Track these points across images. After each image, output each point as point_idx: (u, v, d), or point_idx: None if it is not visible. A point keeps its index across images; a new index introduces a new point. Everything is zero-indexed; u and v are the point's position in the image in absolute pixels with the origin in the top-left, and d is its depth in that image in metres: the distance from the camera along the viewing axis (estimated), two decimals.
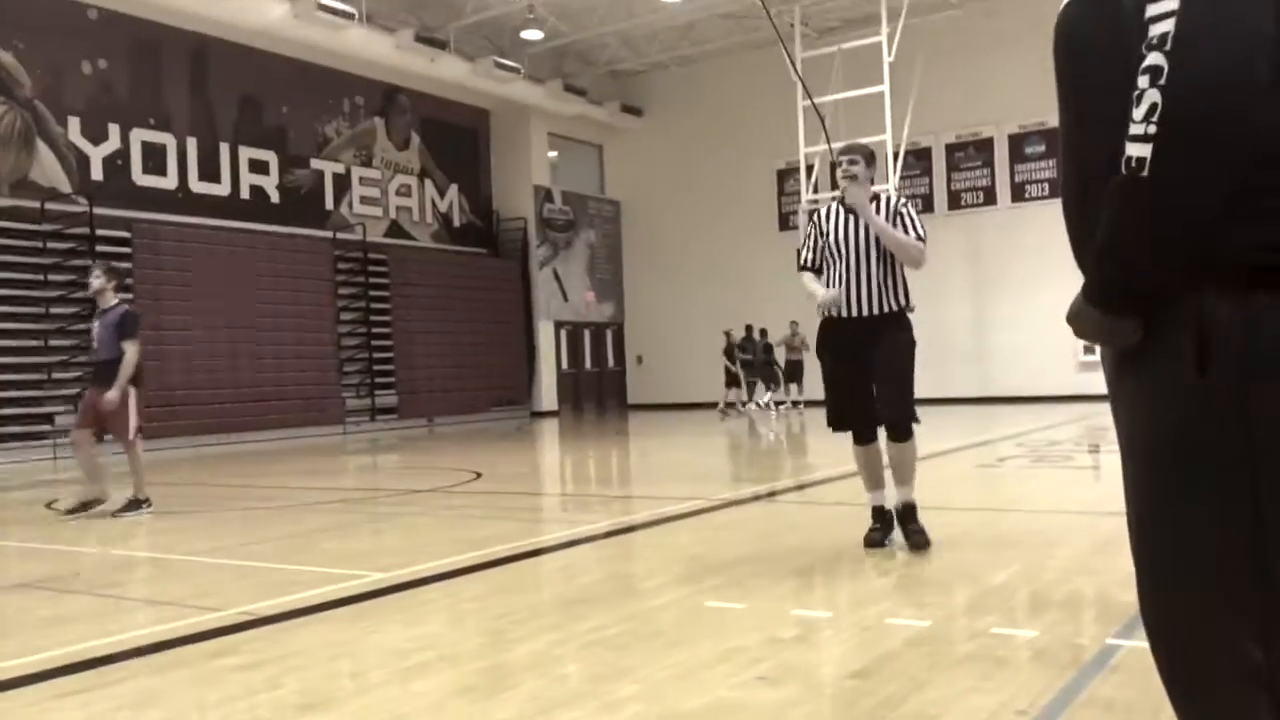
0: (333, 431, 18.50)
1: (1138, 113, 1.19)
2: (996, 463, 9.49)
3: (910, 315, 5.14)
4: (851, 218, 5.06)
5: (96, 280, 7.80)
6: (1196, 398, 1.26)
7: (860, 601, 4.09)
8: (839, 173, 5.08)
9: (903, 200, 5.16)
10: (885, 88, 18.08)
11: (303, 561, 5.49)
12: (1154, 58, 1.18)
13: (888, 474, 5.19)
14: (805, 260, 5.24)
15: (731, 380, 20.68)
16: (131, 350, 7.49)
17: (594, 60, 23.26)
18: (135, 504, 7.69)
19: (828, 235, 5.11)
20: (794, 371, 20.27)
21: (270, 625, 3.97)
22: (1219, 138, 1.17)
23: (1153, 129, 1.18)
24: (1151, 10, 1.19)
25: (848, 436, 5.16)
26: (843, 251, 5.03)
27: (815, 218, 5.27)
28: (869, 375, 4.98)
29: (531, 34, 20.67)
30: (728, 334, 20.77)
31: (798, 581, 4.51)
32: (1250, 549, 1.25)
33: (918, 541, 4.96)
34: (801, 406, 20.03)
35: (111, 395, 7.36)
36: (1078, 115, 1.37)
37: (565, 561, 5.51)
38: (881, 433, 5.11)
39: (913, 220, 5.05)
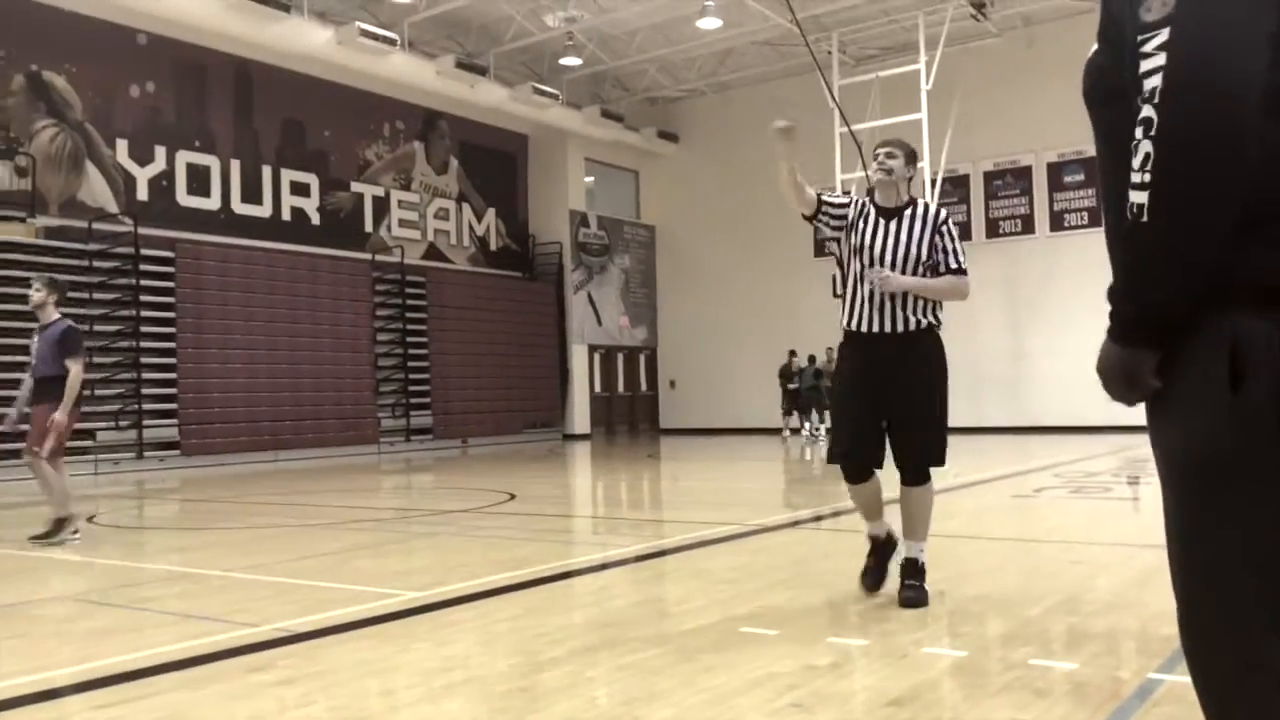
0: (368, 451, 18.63)
1: (1136, 162, 1.28)
2: (1033, 493, 9.37)
3: (940, 331, 4.58)
4: (883, 221, 4.45)
5: (37, 294, 7.22)
6: (1232, 414, 1.29)
7: (895, 630, 4.05)
8: (872, 167, 4.47)
9: (944, 216, 4.52)
10: (923, 115, 18.06)
11: (337, 579, 5.52)
12: (1147, 110, 1.26)
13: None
14: (819, 200, 4.52)
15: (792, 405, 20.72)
16: (76, 369, 6.99)
17: (631, 87, 23.42)
18: (59, 524, 7.10)
19: (856, 238, 4.48)
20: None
21: (305, 642, 3.99)
22: (1208, 181, 1.24)
23: (1148, 177, 1.26)
24: (1144, 65, 1.26)
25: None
26: (871, 260, 4.42)
27: (849, 202, 4.57)
28: (889, 407, 4.42)
29: (570, 60, 20.87)
30: (792, 354, 20.80)
31: (832, 609, 4.47)
32: None
33: (911, 597, 4.32)
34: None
35: (58, 418, 6.93)
36: (1106, 164, 1.45)
37: (598, 584, 5.50)
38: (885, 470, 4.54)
39: (953, 242, 4.46)
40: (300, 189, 18.75)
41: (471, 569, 5.72)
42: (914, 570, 4.45)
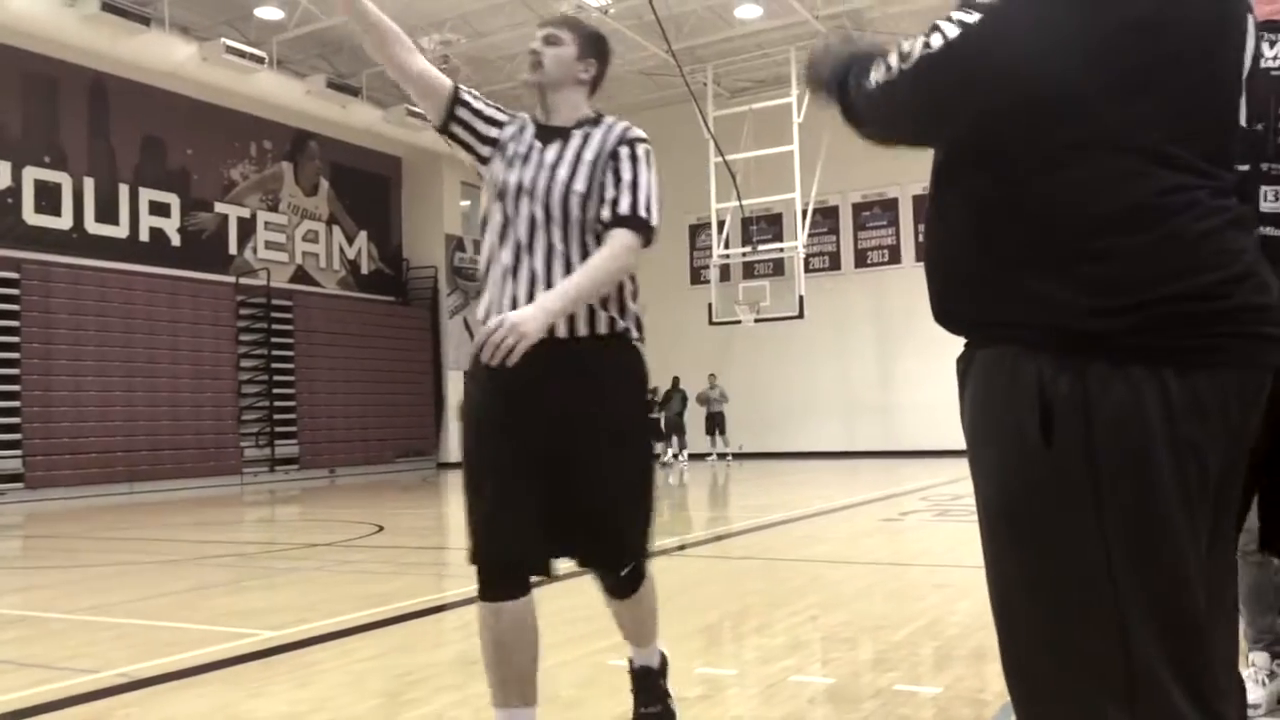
0: (230, 482, 17.90)
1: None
2: (899, 516, 9.59)
3: (638, 342, 2.82)
4: (540, 145, 2.77)
5: None
6: (1044, 464, 1.28)
7: (766, 658, 4.04)
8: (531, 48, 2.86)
9: (636, 136, 2.79)
10: (795, 147, 18.49)
11: (190, 619, 5.22)
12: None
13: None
14: (454, 97, 2.90)
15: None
16: None
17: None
18: None
19: (503, 180, 2.71)
20: (716, 423, 20.44)
21: (148, 688, 3.74)
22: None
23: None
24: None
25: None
26: (521, 213, 2.63)
27: (508, 119, 2.93)
28: (551, 465, 2.56)
29: None
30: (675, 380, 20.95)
31: (703, 638, 4.44)
32: (1110, 615, 1.26)
33: (656, 715, 2.95)
34: (729, 459, 20.21)
35: None
36: None
37: (465, 619, 5.34)
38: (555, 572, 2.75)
39: (634, 173, 2.67)
40: (160, 209, 17.99)
41: (334, 605, 5.49)
42: (651, 685, 2.98)
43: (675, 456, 20.65)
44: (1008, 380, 1.30)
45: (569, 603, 5.51)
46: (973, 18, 1.26)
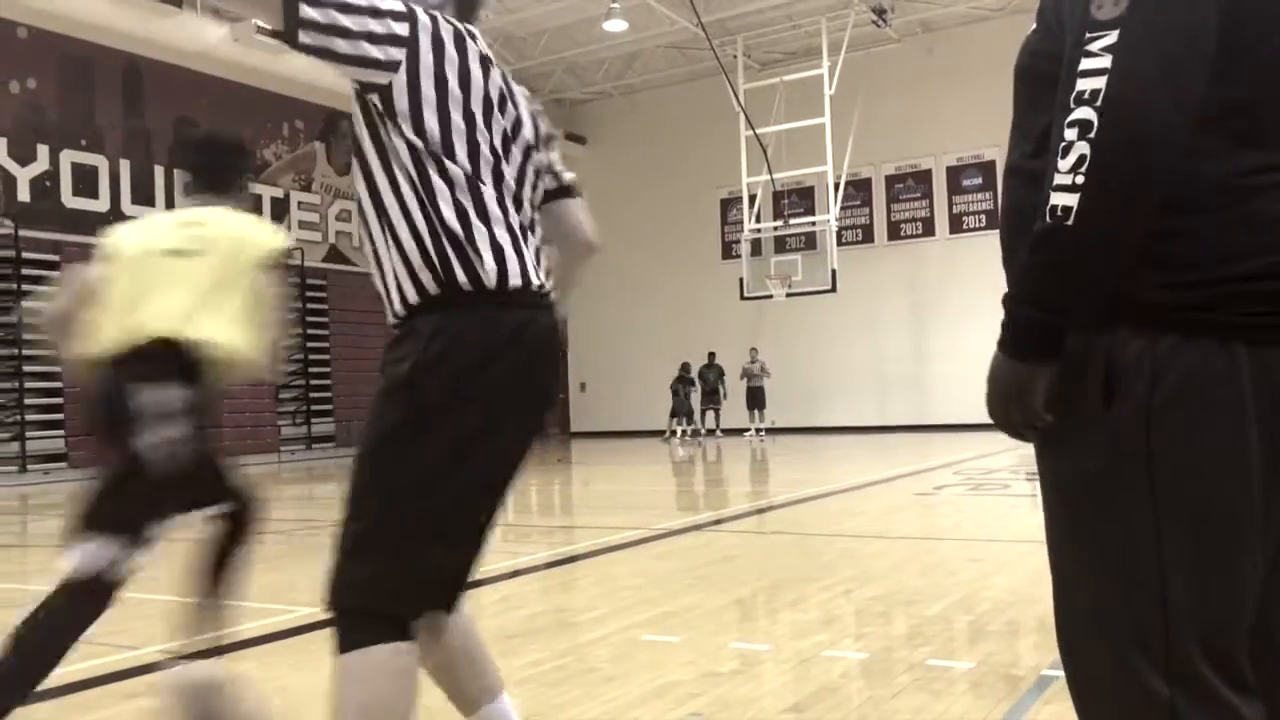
0: (267, 460, 18.12)
1: (1064, 164, 1.22)
2: (934, 491, 9.55)
3: (456, 315, 1.90)
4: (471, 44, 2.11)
5: None
6: (1103, 433, 1.28)
7: (799, 633, 4.04)
8: None
9: None
10: (826, 119, 18.32)
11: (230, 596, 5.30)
12: (1083, 111, 1.21)
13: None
14: None
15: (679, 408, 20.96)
16: None
17: (538, 89, 23.26)
18: None
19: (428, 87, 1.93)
20: (756, 398, 20.44)
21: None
22: (1143, 194, 1.21)
23: (1080, 179, 1.20)
24: (1086, 64, 1.21)
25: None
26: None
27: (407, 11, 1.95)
28: None
29: None
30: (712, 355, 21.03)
31: (737, 613, 4.46)
32: (1154, 587, 1.27)
33: None
34: (763, 434, 20.24)
35: None
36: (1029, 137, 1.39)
37: (504, 594, 5.40)
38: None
39: None
40: None
41: None
42: None
43: (688, 433, 20.95)
44: (1078, 348, 1.29)
45: (616, 570, 5.55)
46: None
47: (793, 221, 19.53)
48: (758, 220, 19.51)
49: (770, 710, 3.06)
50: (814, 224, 19.97)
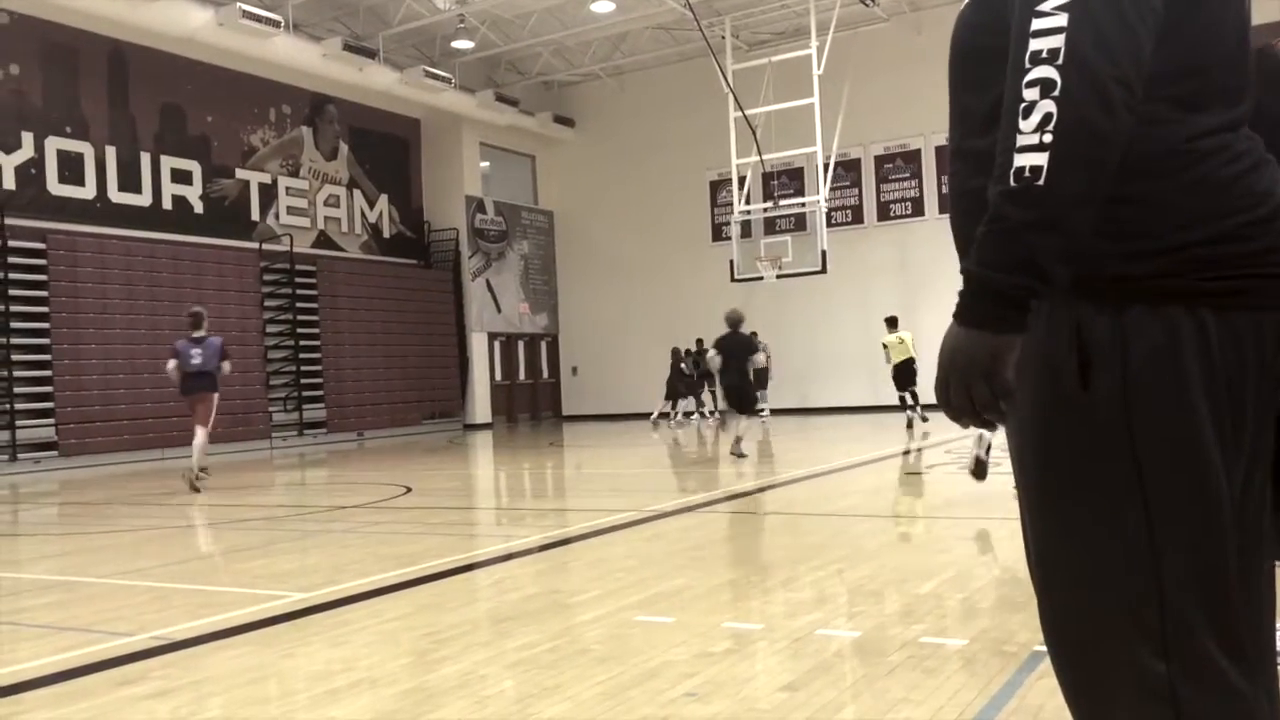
0: (259, 447, 18.09)
1: (1027, 124, 1.18)
2: (926, 470, 9.58)
3: None
4: None
5: None
6: (1082, 412, 1.26)
7: (792, 612, 4.06)
8: None
9: None
10: (815, 100, 18.26)
11: (222, 582, 5.31)
12: (1043, 70, 1.18)
13: None
14: None
15: (673, 392, 20.94)
16: None
17: (526, 70, 23.16)
18: None
19: None
20: (759, 380, 20.43)
21: (183, 650, 3.81)
22: (1113, 147, 1.19)
23: (1048, 138, 1.17)
24: (1038, 25, 1.19)
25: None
26: None
27: None
28: None
29: (462, 44, 20.52)
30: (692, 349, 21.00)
31: (730, 593, 4.47)
32: (1146, 562, 1.26)
33: None
34: (766, 412, 20.23)
35: None
36: (972, 119, 1.36)
37: (496, 577, 5.41)
38: None
39: None
40: (182, 176, 18.03)
41: (364, 566, 5.56)
42: None
43: (687, 415, 20.95)
44: (1045, 325, 1.27)
45: (609, 552, 5.56)
46: None
47: (782, 203, 19.50)
48: (747, 202, 19.47)
49: (764, 689, 3.07)
50: (804, 205, 19.94)
